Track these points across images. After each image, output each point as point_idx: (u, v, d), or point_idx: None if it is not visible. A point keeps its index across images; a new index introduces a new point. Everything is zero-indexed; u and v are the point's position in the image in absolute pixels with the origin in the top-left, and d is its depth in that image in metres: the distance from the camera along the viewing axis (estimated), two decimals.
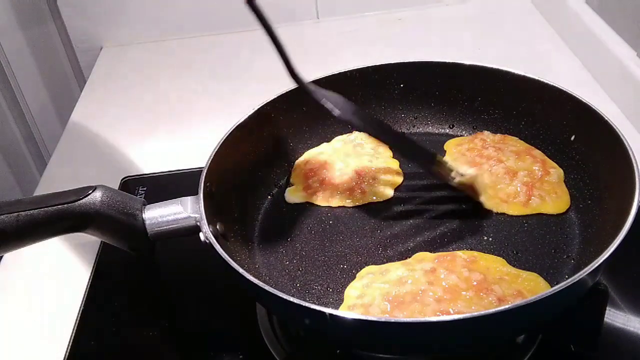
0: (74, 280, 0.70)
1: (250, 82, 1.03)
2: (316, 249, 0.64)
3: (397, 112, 0.79)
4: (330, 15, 1.20)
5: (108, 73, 1.13)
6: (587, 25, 0.96)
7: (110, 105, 1.04)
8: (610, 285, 0.61)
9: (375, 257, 0.62)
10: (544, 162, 0.68)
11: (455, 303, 0.53)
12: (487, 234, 0.63)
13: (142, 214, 0.58)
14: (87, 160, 0.91)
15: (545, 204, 0.64)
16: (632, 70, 0.84)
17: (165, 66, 1.13)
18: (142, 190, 0.80)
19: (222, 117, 0.93)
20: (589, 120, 0.63)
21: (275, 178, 0.74)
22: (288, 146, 0.76)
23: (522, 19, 1.14)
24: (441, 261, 0.58)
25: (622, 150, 0.57)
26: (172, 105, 1.01)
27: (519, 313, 0.45)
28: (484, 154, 0.70)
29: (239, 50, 1.14)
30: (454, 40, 1.10)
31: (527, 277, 0.57)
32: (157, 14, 1.18)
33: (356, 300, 0.56)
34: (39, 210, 0.54)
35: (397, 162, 0.73)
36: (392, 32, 1.14)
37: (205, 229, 0.56)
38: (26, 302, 0.70)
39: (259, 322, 0.62)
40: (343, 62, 0.78)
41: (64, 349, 0.62)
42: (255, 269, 0.62)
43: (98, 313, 0.66)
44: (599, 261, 0.47)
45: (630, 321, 0.59)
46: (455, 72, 0.74)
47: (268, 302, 0.55)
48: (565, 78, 0.68)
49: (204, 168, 0.62)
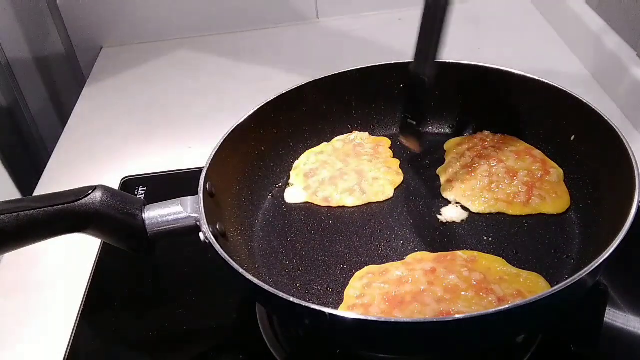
0: (74, 280, 0.70)
1: (250, 82, 1.03)
2: (316, 249, 0.64)
3: (397, 112, 0.78)
4: (330, 15, 1.20)
5: (108, 73, 1.13)
6: (587, 25, 0.96)
7: (110, 105, 1.04)
8: (610, 285, 0.61)
9: (375, 257, 0.62)
10: (544, 162, 0.69)
11: (455, 303, 0.53)
12: (487, 234, 0.63)
13: (142, 214, 0.58)
14: (87, 160, 0.91)
15: (545, 204, 0.64)
16: (632, 70, 0.84)
17: (165, 66, 1.13)
18: (142, 190, 0.80)
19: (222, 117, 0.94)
20: (589, 120, 0.63)
21: (275, 178, 0.74)
22: (288, 146, 0.76)
23: (522, 19, 1.14)
24: (441, 261, 0.58)
25: (622, 150, 0.57)
26: (172, 105, 1.01)
27: (519, 313, 0.45)
28: (484, 154, 0.70)
29: (239, 50, 1.14)
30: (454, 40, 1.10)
31: (527, 277, 0.57)
32: (157, 14, 1.18)
33: (356, 300, 0.56)
34: (39, 210, 0.54)
35: (397, 161, 0.73)
36: (392, 32, 1.14)
37: (205, 229, 0.56)
38: (26, 302, 0.70)
39: (259, 322, 0.62)
40: (343, 62, 0.78)
41: (64, 349, 0.62)
42: (255, 269, 0.62)
43: (98, 313, 0.66)
44: (599, 261, 0.47)
45: (630, 321, 0.59)
46: (456, 72, 0.74)
47: (268, 302, 0.55)
48: (565, 78, 0.68)
49: (204, 168, 0.62)
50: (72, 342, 0.63)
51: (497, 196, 0.66)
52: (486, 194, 0.66)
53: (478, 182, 0.68)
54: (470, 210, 0.66)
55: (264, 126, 0.72)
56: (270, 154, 0.74)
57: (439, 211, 0.66)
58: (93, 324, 0.65)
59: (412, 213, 0.67)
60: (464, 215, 0.65)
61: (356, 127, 0.78)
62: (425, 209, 0.67)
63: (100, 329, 0.65)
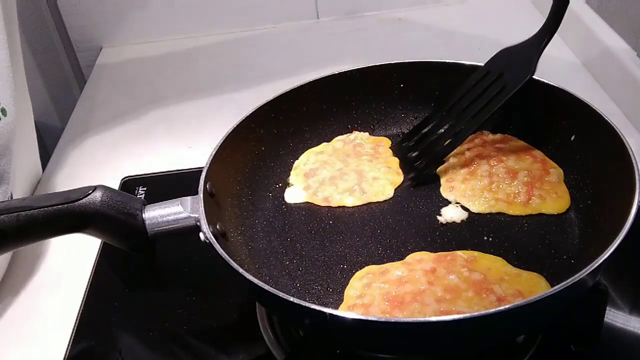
0: (74, 280, 0.70)
1: (251, 82, 1.03)
2: (316, 249, 0.64)
3: (397, 112, 0.79)
4: (330, 15, 1.21)
5: (108, 73, 1.13)
6: (587, 25, 0.96)
7: (110, 105, 1.04)
8: (610, 285, 0.61)
9: (375, 257, 0.62)
10: (544, 162, 0.68)
11: (455, 303, 0.53)
12: (487, 234, 0.63)
13: (142, 214, 0.58)
14: (87, 160, 0.91)
15: (545, 204, 0.64)
16: (632, 70, 0.84)
17: (165, 66, 1.13)
18: (142, 190, 0.80)
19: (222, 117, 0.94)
20: (589, 120, 0.63)
21: (275, 178, 0.74)
22: (288, 146, 0.76)
23: (522, 19, 1.14)
24: (441, 261, 0.58)
25: (622, 150, 0.57)
26: (172, 105, 1.01)
27: (519, 313, 0.45)
28: (484, 154, 0.70)
29: (239, 50, 1.15)
30: (454, 40, 1.10)
31: (527, 277, 0.57)
32: (157, 14, 1.18)
33: (356, 300, 0.56)
34: (39, 210, 0.54)
35: (397, 160, 0.73)
36: (392, 32, 1.14)
37: (205, 229, 0.56)
38: (26, 302, 0.70)
39: (259, 322, 0.62)
40: (343, 62, 0.78)
41: (64, 349, 0.62)
42: (255, 269, 0.62)
43: (98, 313, 0.66)
44: (599, 261, 0.47)
45: (630, 321, 0.59)
46: (455, 72, 0.74)
47: (268, 302, 0.55)
48: (565, 78, 0.68)
49: (204, 168, 0.62)
50: (72, 342, 0.63)
51: (497, 196, 0.66)
52: (486, 194, 0.66)
53: (478, 182, 0.68)
54: (470, 210, 0.66)
55: (264, 126, 0.72)
56: (270, 154, 0.74)
57: (439, 211, 0.66)
58: (93, 324, 0.65)
59: (412, 213, 0.67)
60: (464, 215, 0.65)
61: (356, 127, 0.78)
62: (425, 209, 0.67)
63: (100, 329, 0.65)
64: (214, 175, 0.62)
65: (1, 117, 0.68)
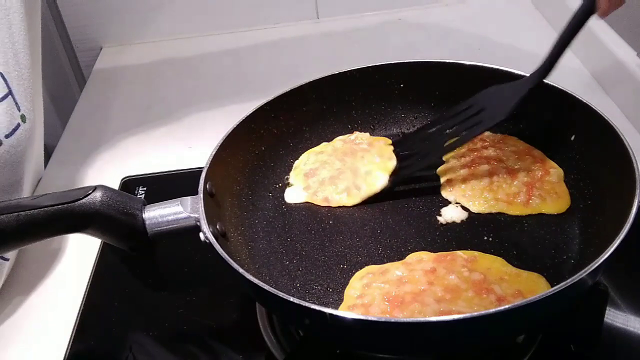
0: (74, 280, 0.70)
1: (251, 82, 1.03)
2: (316, 249, 0.64)
3: (397, 112, 0.79)
4: (330, 15, 1.20)
5: (108, 73, 1.13)
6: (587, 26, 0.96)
7: (110, 105, 1.04)
8: (610, 285, 0.61)
9: (375, 257, 0.62)
10: (544, 162, 0.68)
11: (455, 303, 0.53)
12: (487, 234, 0.63)
13: (142, 214, 0.58)
14: (87, 160, 0.91)
15: (545, 204, 0.64)
16: (632, 70, 0.84)
17: (165, 66, 1.13)
18: (142, 190, 0.80)
19: (222, 117, 0.94)
20: (588, 120, 0.63)
21: (275, 178, 0.74)
22: (288, 146, 0.76)
23: (522, 19, 1.14)
24: (441, 261, 0.58)
25: (622, 150, 0.57)
26: (172, 105, 1.01)
27: (519, 313, 0.45)
28: (484, 154, 0.70)
29: (239, 49, 1.14)
30: (454, 40, 1.10)
31: (527, 277, 0.57)
32: (157, 14, 1.18)
33: (356, 300, 0.56)
34: (39, 210, 0.54)
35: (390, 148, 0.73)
36: (392, 32, 1.14)
37: (205, 229, 0.56)
38: (26, 302, 0.70)
39: (259, 322, 0.62)
40: (343, 62, 0.78)
41: (64, 349, 0.62)
42: (255, 269, 0.62)
43: (98, 313, 0.66)
44: (599, 261, 0.47)
45: (630, 321, 0.59)
46: (455, 72, 0.74)
47: (268, 302, 0.55)
48: (565, 78, 0.68)
49: (204, 168, 0.62)
50: (72, 342, 0.63)
51: (497, 196, 0.66)
52: (486, 194, 0.66)
53: (478, 182, 0.68)
54: (470, 210, 0.66)
55: (264, 126, 0.72)
56: (270, 154, 0.74)
57: (439, 211, 0.66)
58: (93, 324, 0.65)
59: (412, 213, 0.67)
60: (464, 215, 0.65)
61: (356, 127, 0.78)
62: (425, 209, 0.67)
63: (100, 329, 0.65)
64: (214, 175, 0.62)
65: (21, 124, 0.67)
